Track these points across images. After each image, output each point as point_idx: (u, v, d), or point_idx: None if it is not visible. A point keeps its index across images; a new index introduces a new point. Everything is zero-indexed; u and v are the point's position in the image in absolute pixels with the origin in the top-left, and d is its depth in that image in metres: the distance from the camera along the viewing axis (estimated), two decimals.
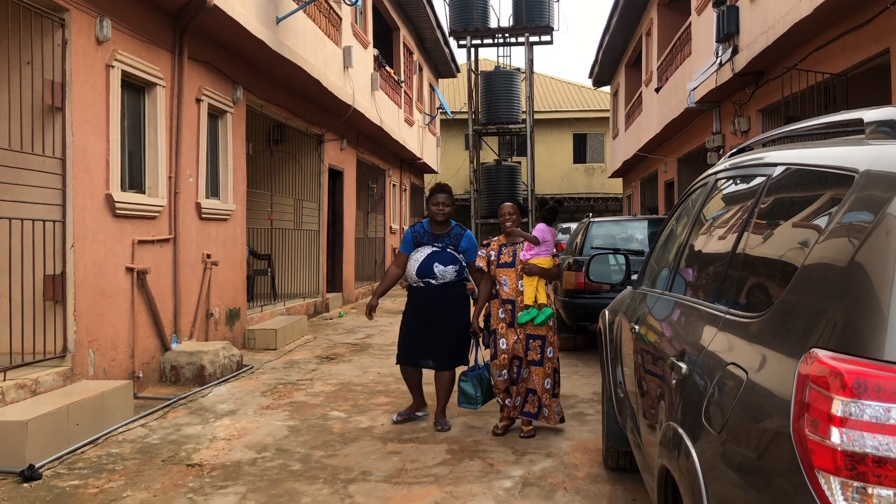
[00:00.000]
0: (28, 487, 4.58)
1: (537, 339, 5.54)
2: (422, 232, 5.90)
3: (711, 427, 1.96)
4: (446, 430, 5.73)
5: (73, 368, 6.06)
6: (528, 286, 5.51)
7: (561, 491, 4.49)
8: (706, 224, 3.04)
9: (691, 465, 2.00)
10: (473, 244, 5.83)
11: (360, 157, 16.19)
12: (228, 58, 9.24)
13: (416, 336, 5.83)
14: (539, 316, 5.46)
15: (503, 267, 5.60)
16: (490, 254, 5.68)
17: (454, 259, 5.78)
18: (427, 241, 5.84)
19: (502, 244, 5.70)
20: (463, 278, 5.85)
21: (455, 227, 5.90)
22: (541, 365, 5.54)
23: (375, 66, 15.72)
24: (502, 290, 5.60)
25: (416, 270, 5.79)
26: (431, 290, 5.78)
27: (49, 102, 5.94)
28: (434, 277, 5.75)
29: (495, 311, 5.63)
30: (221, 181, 9.35)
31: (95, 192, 6.45)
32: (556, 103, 33.28)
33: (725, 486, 1.82)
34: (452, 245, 5.80)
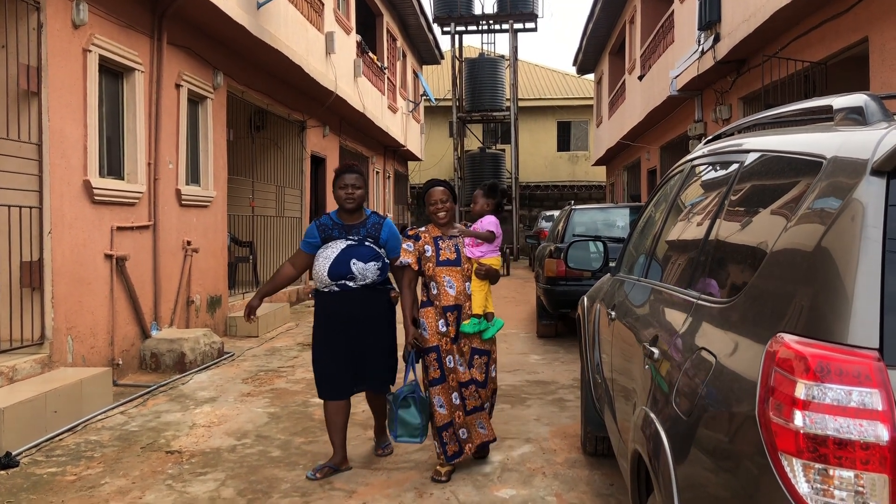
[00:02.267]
0: (5, 475, 4.55)
1: (482, 354, 4.52)
2: (330, 224, 4.59)
3: (681, 411, 1.98)
4: (388, 453, 4.90)
5: (52, 356, 6.02)
6: (477, 291, 4.46)
7: (539, 476, 4.52)
8: (681, 211, 3.06)
9: (661, 450, 2.02)
10: (396, 235, 4.64)
11: (342, 143, 16.12)
12: (208, 43, 9.15)
13: (342, 357, 4.52)
14: (490, 328, 4.51)
15: (446, 265, 4.47)
16: (424, 248, 4.52)
17: (375, 254, 4.50)
18: (338, 235, 4.53)
19: (437, 237, 4.55)
20: (386, 280, 4.67)
21: (371, 216, 4.64)
22: (484, 387, 4.55)
23: (358, 53, 15.64)
24: (444, 294, 4.44)
25: (328, 270, 4.43)
26: (349, 294, 4.46)
27: (25, 87, 5.87)
28: (352, 278, 4.44)
29: (431, 321, 4.45)
30: (202, 168, 9.28)
31: (73, 178, 6.39)
32: (541, 91, 33.27)
33: (694, 470, 1.84)
34: (371, 237, 4.53)
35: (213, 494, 4.24)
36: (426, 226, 4.60)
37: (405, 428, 4.44)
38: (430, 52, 25.31)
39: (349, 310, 4.48)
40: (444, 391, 4.46)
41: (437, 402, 4.45)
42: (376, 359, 4.57)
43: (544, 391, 6.75)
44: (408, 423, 4.44)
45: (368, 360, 4.56)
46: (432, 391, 4.47)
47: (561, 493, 4.23)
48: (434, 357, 4.45)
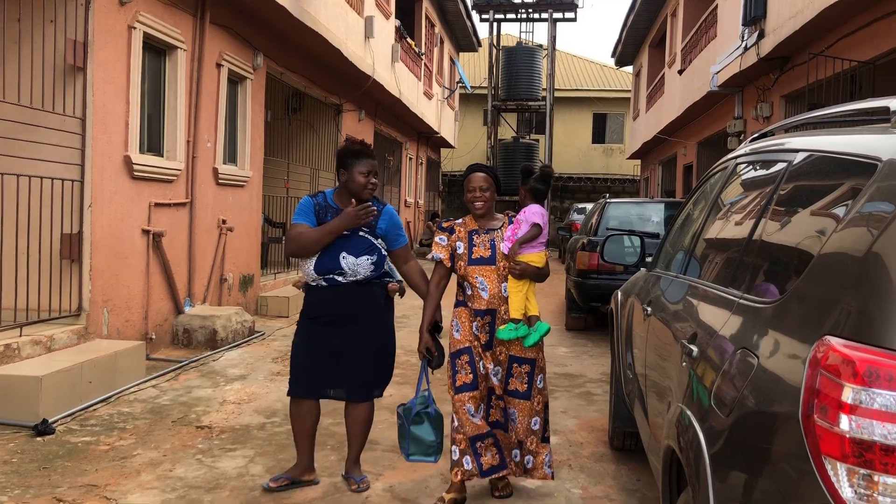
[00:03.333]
0: (41, 441, 4.66)
1: (524, 363, 3.85)
2: (324, 206, 4.01)
3: (720, 410, 1.97)
4: (364, 489, 4.06)
5: (88, 327, 6.13)
6: (515, 293, 3.78)
7: (566, 468, 4.52)
8: (723, 209, 3.02)
9: (697, 447, 2.01)
10: (396, 223, 4.07)
11: (377, 128, 16.15)
12: (250, 23, 9.21)
13: (317, 355, 3.99)
14: (532, 335, 3.78)
15: (479, 264, 3.84)
16: (457, 244, 3.90)
17: (370, 246, 3.93)
18: (330, 220, 3.94)
19: (472, 230, 3.91)
20: (382, 274, 4.05)
21: (372, 202, 4.01)
22: (527, 398, 3.87)
23: (396, 38, 15.63)
24: (478, 297, 3.83)
25: (315, 264, 3.90)
26: (338, 291, 3.92)
27: (70, 62, 5.96)
28: (341, 273, 3.89)
29: (464, 321, 3.89)
30: (239, 147, 9.36)
31: (114, 153, 6.49)
32: (578, 82, 33.02)
33: (731, 470, 1.82)
34: (367, 226, 3.94)
35: (242, 470, 4.30)
36: (464, 217, 4.00)
37: (418, 445, 3.93)
38: (468, 40, 25.22)
39: (335, 307, 3.93)
40: (473, 400, 3.83)
41: (468, 410, 3.82)
42: (358, 360, 3.95)
43: (572, 384, 6.73)
44: (421, 440, 3.92)
45: (352, 363, 3.95)
46: (460, 398, 3.83)
47: (587, 486, 4.23)
48: (466, 360, 3.85)
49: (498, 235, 3.89)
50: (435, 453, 3.95)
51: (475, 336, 3.86)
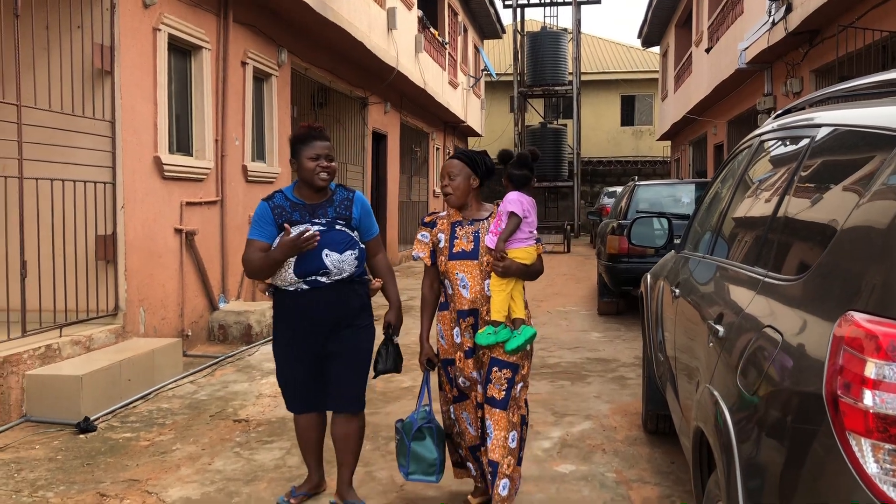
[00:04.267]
0: (84, 439, 4.77)
1: (505, 367, 3.38)
2: (287, 205, 3.51)
3: (745, 389, 1.96)
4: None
5: (125, 326, 6.26)
6: (497, 292, 3.33)
7: (599, 452, 4.52)
8: (749, 186, 2.99)
9: (724, 427, 2.01)
10: (368, 210, 3.66)
11: (403, 120, 16.18)
12: (273, 21, 9.27)
13: (305, 367, 3.60)
14: (514, 339, 3.32)
15: (460, 258, 3.41)
16: (438, 237, 3.51)
17: (350, 239, 3.50)
18: (300, 218, 3.47)
19: (455, 222, 3.50)
20: (363, 271, 3.65)
21: (338, 189, 3.62)
22: (503, 408, 3.38)
23: (419, 28, 15.62)
24: (458, 296, 3.41)
25: (295, 266, 3.42)
26: (322, 293, 3.47)
27: (98, 66, 6.06)
28: (325, 273, 3.44)
29: (446, 329, 3.51)
30: (267, 144, 9.45)
31: (144, 155, 6.59)
32: (604, 64, 32.72)
33: (757, 448, 1.82)
34: (341, 218, 3.51)
35: (279, 462, 4.37)
36: (450, 209, 3.56)
37: (418, 464, 3.55)
38: (492, 27, 25.10)
39: (319, 311, 3.49)
40: (470, 408, 3.55)
41: (465, 418, 3.56)
42: (346, 368, 3.56)
43: (605, 369, 6.72)
44: (422, 458, 3.54)
45: (341, 371, 3.56)
46: (456, 408, 3.58)
47: (621, 470, 4.23)
48: (452, 373, 3.55)
49: (483, 227, 3.43)
50: (437, 472, 3.56)
51: (457, 345, 3.46)
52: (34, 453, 4.52)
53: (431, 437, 3.56)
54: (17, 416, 5.04)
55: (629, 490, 3.96)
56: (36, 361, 5.22)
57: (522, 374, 3.45)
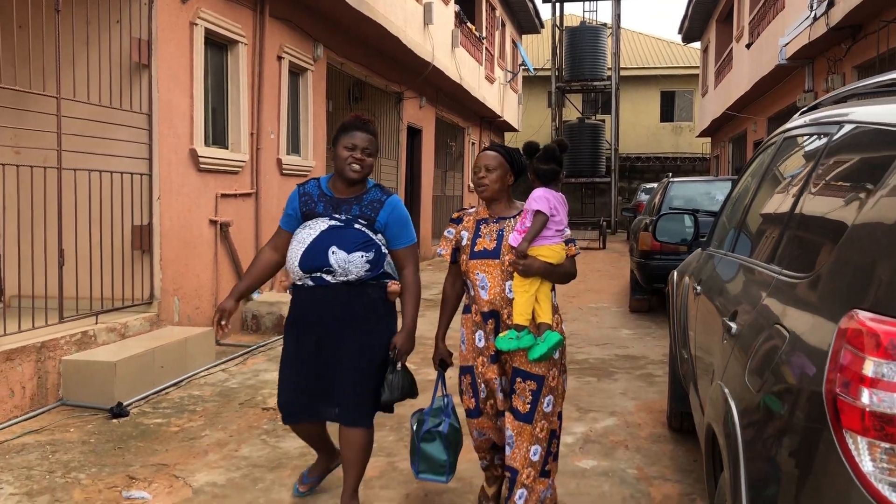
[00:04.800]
0: (117, 423, 4.90)
1: (530, 378, 3.18)
2: (315, 194, 3.40)
3: (752, 386, 1.96)
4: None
5: (159, 314, 6.40)
6: (520, 293, 3.11)
7: (622, 449, 4.52)
8: (769, 184, 2.97)
9: (732, 424, 2.01)
10: (401, 217, 3.39)
11: (439, 114, 16.21)
12: (309, 15, 9.36)
13: (305, 370, 3.40)
14: (537, 346, 3.08)
15: (481, 258, 3.22)
16: (462, 235, 3.33)
17: (365, 241, 3.27)
18: (323, 211, 3.33)
19: (482, 219, 3.32)
20: (381, 274, 3.35)
21: (373, 189, 3.41)
22: (528, 422, 3.18)
23: (456, 23, 15.62)
24: (478, 298, 3.23)
25: (300, 259, 3.28)
26: (326, 293, 3.29)
27: (136, 60, 6.19)
28: (330, 271, 3.25)
29: (468, 333, 3.31)
30: (302, 138, 9.56)
31: (180, 147, 6.72)
32: (644, 60, 32.38)
33: (761, 446, 1.82)
34: (364, 218, 3.30)
35: (304, 450, 4.44)
36: (478, 205, 3.42)
37: (428, 463, 3.43)
38: (530, 21, 24.98)
39: (323, 312, 3.31)
40: (482, 424, 3.37)
41: (477, 434, 3.40)
42: (350, 377, 3.32)
43: (633, 366, 6.69)
44: (431, 458, 3.42)
45: (343, 381, 3.33)
46: (470, 423, 3.40)
47: (643, 467, 4.22)
48: (469, 381, 3.33)
49: (508, 225, 3.23)
50: (447, 473, 3.43)
51: (479, 350, 3.26)
52: (69, 436, 4.66)
53: (441, 439, 3.40)
54: (54, 399, 5.19)
55: (649, 487, 3.95)
56: (72, 347, 5.36)
57: (551, 385, 3.18)
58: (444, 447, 3.40)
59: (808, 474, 1.57)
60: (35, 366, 5.03)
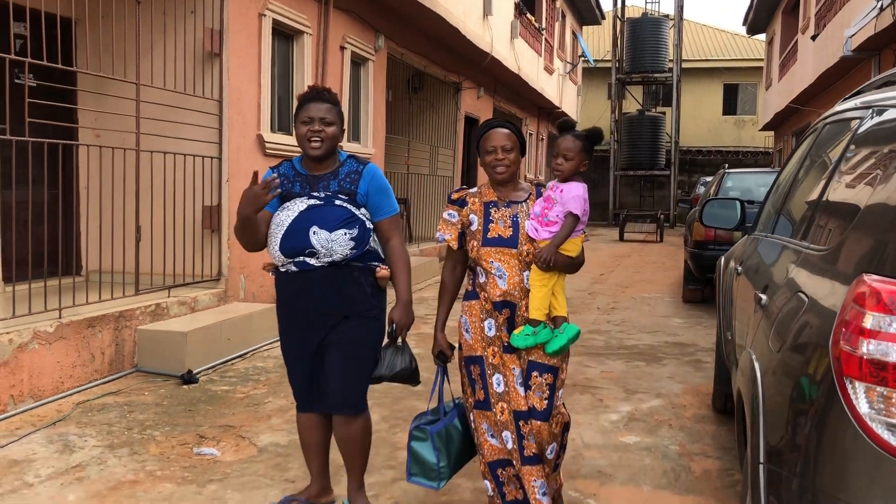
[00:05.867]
0: (187, 389, 5.25)
1: (547, 371, 2.98)
2: (290, 174, 3.15)
3: (773, 348, 2.12)
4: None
5: (227, 291, 6.75)
6: (538, 287, 2.94)
7: (665, 427, 4.66)
8: (806, 169, 3.09)
9: (754, 383, 2.17)
10: (381, 186, 3.14)
11: (496, 105, 16.36)
12: (371, 7, 9.63)
13: (299, 358, 3.22)
14: (556, 339, 2.94)
15: (495, 245, 2.98)
16: (470, 218, 3.05)
17: (348, 217, 3.04)
18: (300, 191, 3.10)
19: (490, 202, 3.05)
20: (367, 253, 3.10)
21: (347, 161, 3.17)
22: (545, 419, 2.97)
23: (516, 14, 15.75)
24: (493, 286, 2.98)
25: (280, 243, 3.05)
26: (312, 277, 3.06)
27: (209, 49, 6.54)
28: (313, 253, 3.02)
29: (474, 320, 3.05)
30: (362, 126, 9.85)
31: (248, 132, 7.06)
32: (707, 52, 31.90)
33: (777, 398, 1.98)
34: (344, 193, 3.07)
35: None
36: (479, 186, 3.13)
37: (419, 466, 3.09)
38: (591, 13, 24.91)
39: (308, 299, 3.09)
40: (492, 423, 3.02)
41: (486, 429, 3.04)
42: (337, 363, 3.10)
43: (682, 352, 6.79)
44: (422, 460, 3.08)
45: (327, 367, 3.11)
46: (477, 415, 3.05)
47: (685, 444, 4.36)
48: (478, 372, 3.03)
49: (522, 210, 2.99)
50: (438, 479, 3.07)
51: (489, 339, 3.01)
52: (143, 398, 5.02)
53: (433, 438, 3.06)
54: (130, 365, 5.57)
55: (690, 462, 4.10)
56: (147, 318, 5.74)
57: (562, 377, 3.04)
58: (434, 448, 3.05)
59: (815, 419, 1.73)
60: (113, 333, 5.40)
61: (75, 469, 3.83)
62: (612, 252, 16.94)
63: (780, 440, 1.89)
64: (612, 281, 11.79)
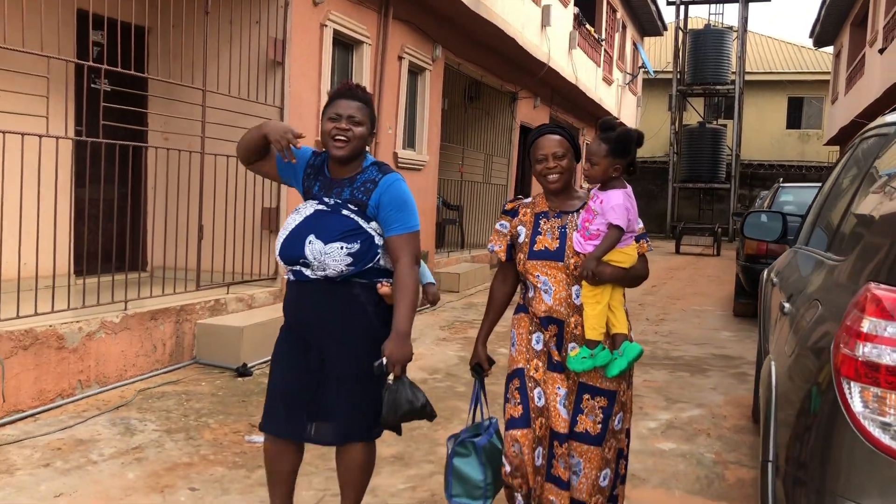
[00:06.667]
0: (241, 381, 5.51)
1: (600, 394, 2.77)
2: (317, 169, 2.89)
3: (787, 351, 2.21)
4: None
5: (282, 289, 7.02)
6: (591, 304, 2.71)
7: (703, 436, 4.71)
8: (841, 182, 3.15)
9: (770, 386, 2.27)
10: (396, 199, 2.77)
11: (553, 114, 16.44)
12: (430, 18, 9.85)
13: (292, 376, 2.85)
14: (616, 362, 2.70)
15: (541, 258, 2.79)
16: (518, 230, 2.89)
17: (351, 230, 2.72)
18: (317, 192, 2.84)
19: (540, 213, 2.87)
20: (370, 271, 2.77)
21: (369, 168, 2.85)
22: (598, 444, 2.77)
23: (575, 25, 15.81)
24: (538, 301, 2.80)
25: (280, 248, 2.81)
26: (308, 289, 2.79)
27: (272, 57, 6.83)
28: (306, 264, 2.74)
29: (522, 332, 2.89)
30: (417, 134, 10.08)
31: (307, 139, 7.32)
32: (771, 64, 31.36)
33: (789, 397, 2.08)
34: (354, 202, 2.76)
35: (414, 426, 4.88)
36: (535, 196, 2.97)
37: (462, 485, 2.91)
38: (652, 24, 24.76)
39: (302, 311, 2.82)
40: (525, 439, 2.74)
41: (515, 449, 2.76)
42: (336, 391, 2.80)
43: (727, 364, 6.79)
44: (465, 478, 2.90)
45: (329, 389, 2.81)
46: (509, 435, 2.78)
47: (721, 452, 4.41)
48: (517, 385, 2.82)
49: (572, 221, 2.79)
50: (483, 497, 2.88)
51: (535, 353, 2.82)
52: (200, 388, 5.29)
53: (477, 453, 2.89)
54: (189, 357, 5.85)
55: (725, 470, 4.15)
56: (206, 312, 6.03)
57: (622, 400, 2.80)
58: (481, 464, 2.87)
59: (816, 420, 1.83)
60: (174, 326, 5.70)
61: (135, 450, 4.09)
62: (667, 264, 16.83)
63: (788, 439, 1.99)
64: (663, 293, 11.76)
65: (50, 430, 4.29)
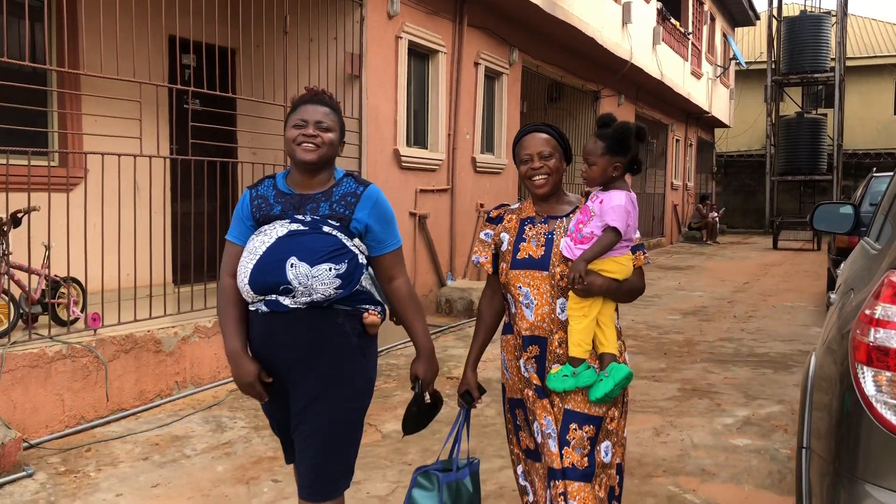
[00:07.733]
0: None
1: (587, 422, 2.44)
2: (271, 194, 2.52)
3: (823, 340, 2.24)
4: None
5: None
6: (577, 318, 2.42)
7: (780, 432, 4.66)
8: None
9: (808, 374, 2.30)
10: (383, 214, 2.53)
11: (638, 112, 16.25)
12: (505, 22, 9.98)
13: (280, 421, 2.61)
14: (601, 383, 2.40)
15: (524, 267, 2.51)
16: (501, 237, 2.63)
17: (337, 248, 2.40)
18: (281, 212, 2.46)
19: (526, 218, 2.60)
20: (355, 295, 2.46)
21: (344, 180, 2.54)
22: (586, 480, 2.42)
23: (658, 20, 15.60)
24: (520, 317, 2.52)
25: (251, 275, 2.39)
26: (285, 321, 2.39)
27: (349, 71, 7.12)
28: (288, 290, 2.36)
29: (510, 358, 2.63)
30: (495, 138, 10.22)
31: (385, 147, 7.59)
32: (876, 48, 29.86)
33: (819, 382, 2.11)
34: (336, 217, 2.43)
35: (477, 412, 5.01)
36: (522, 201, 2.71)
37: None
38: (743, 14, 24.07)
39: (278, 346, 2.43)
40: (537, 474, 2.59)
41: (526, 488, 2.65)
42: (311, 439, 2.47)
43: None
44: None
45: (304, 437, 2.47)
46: (527, 468, 2.65)
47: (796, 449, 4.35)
48: (523, 417, 2.61)
49: (561, 226, 2.51)
50: None
51: (526, 381, 2.53)
52: None
53: (439, 489, 2.60)
54: None
55: None
56: None
57: (608, 429, 2.46)
58: (440, 501, 2.57)
59: (838, 404, 1.87)
60: None
61: (225, 445, 4.39)
62: (762, 261, 16.35)
63: (816, 416, 2.03)
64: (755, 290, 11.47)
65: (149, 427, 4.65)
